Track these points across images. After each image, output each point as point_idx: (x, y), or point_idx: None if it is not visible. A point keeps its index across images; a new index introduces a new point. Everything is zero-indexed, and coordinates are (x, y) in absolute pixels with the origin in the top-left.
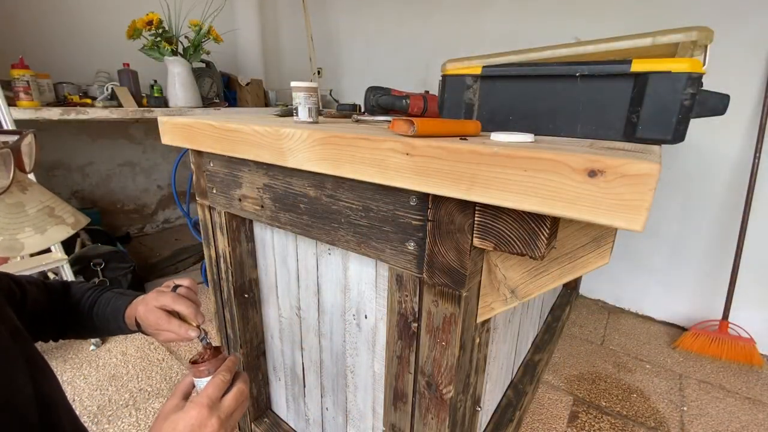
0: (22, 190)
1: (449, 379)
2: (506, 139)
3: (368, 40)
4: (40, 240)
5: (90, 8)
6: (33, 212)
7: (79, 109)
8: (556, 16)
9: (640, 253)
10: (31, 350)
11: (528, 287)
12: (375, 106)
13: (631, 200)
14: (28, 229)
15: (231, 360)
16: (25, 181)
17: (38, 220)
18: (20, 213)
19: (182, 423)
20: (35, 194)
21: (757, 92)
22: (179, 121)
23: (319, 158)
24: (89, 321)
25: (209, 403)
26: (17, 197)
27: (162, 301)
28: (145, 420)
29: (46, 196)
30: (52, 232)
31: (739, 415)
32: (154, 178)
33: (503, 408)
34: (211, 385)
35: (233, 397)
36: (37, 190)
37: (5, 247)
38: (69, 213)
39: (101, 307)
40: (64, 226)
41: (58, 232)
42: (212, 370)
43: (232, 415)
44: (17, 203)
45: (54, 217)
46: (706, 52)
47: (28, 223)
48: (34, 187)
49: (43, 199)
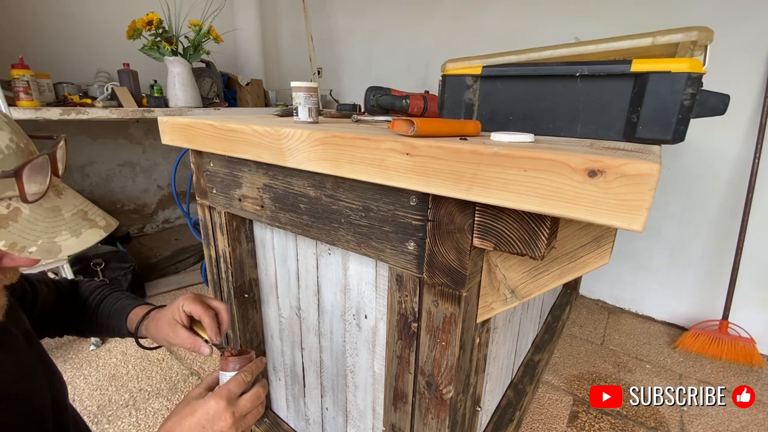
0: (57, 194)
1: (449, 379)
2: (506, 139)
3: (368, 40)
4: (75, 243)
5: (90, 8)
6: (69, 216)
7: (79, 109)
8: (556, 16)
9: (640, 253)
10: (44, 355)
11: (528, 287)
12: (375, 106)
13: (631, 200)
14: (65, 232)
15: (256, 363)
16: (60, 186)
17: (74, 224)
18: (57, 217)
19: (200, 411)
20: (70, 198)
21: (757, 92)
22: (179, 121)
23: (319, 158)
24: (94, 319)
25: (228, 397)
26: (54, 201)
27: (191, 308)
28: (144, 420)
29: (80, 199)
30: (87, 235)
31: (739, 415)
32: (154, 178)
33: (503, 408)
34: (233, 381)
35: (249, 398)
36: (71, 194)
37: (44, 249)
38: (101, 216)
39: (107, 305)
40: (97, 229)
41: (92, 234)
42: (237, 367)
43: (245, 416)
44: (54, 207)
45: (88, 221)
46: (706, 52)
47: (64, 226)
48: (68, 191)
49: (77, 203)
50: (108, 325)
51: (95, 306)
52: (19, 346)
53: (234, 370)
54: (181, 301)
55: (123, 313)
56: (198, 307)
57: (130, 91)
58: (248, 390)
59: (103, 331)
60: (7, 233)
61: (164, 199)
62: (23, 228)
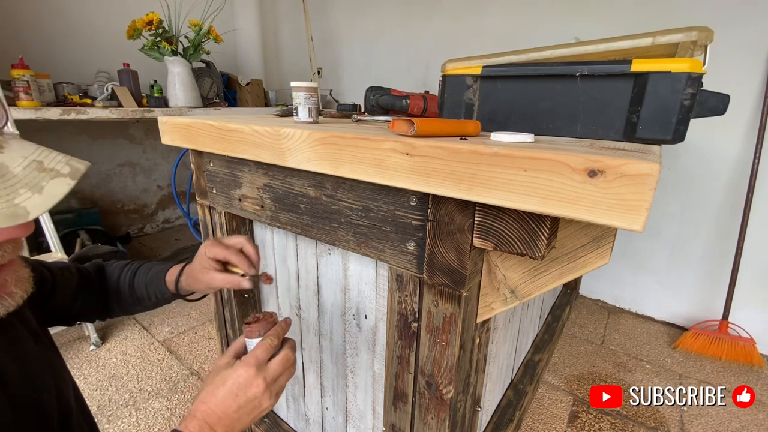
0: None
1: (449, 379)
2: (506, 139)
3: (368, 40)
4: (41, 200)
5: (90, 8)
6: (20, 171)
7: (79, 109)
8: (556, 16)
9: (640, 253)
10: (51, 354)
11: (528, 287)
12: (375, 106)
13: (631, 200)
14: (22, 190)
15: (280, 325)
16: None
17: (29, 179)
18: (6, 175)
19: (231, 380)
20: (15, 149)
21: (757, 92)
22: (179, 121)
23: (319, 158)
24: (132, 293)
25: (256, 364)
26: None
27: (213, 251)
28: (144, 420)
29: (29, 149)
30: (51, 188)
31: (739, 415)
32: (154, 178)
33: (503, 408)
34: (260, 347)
35: (279, 361)
36: (17, 146)
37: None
38: (62, 162)
39: (141, 277)
40: (62, 178)
41: (57, 186)
42: (263, 332)
43: (277, 379)
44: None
45: (46, 171)
46: (706, 52)
47: (19, 184)
48: (12, 143)
49: (26, 154)
50: (148, 295)
51: (130, 281)
52: (26, 345)
53: (259, 336)
54: (202, 249)
55: (159, 279)
56: (219, 249)
57: (130, 91)
58: (277, 353)
59: (144, 302)
60: None
61: (164, 199)
62: None
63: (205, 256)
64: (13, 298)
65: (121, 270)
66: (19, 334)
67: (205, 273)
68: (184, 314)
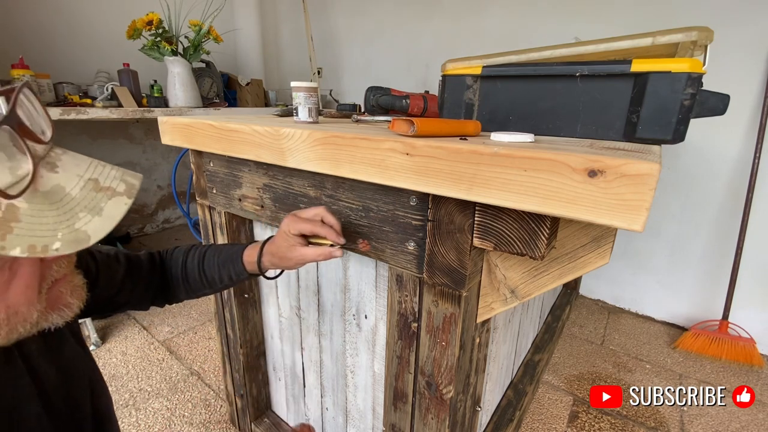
0: (51, 170)
1: (449, 379)
2: (506, 139)
3: (368, 40)
4: (101, 223)
5: (90, 8)
6: (77, 192)
7: (79, 109)
8: (556, 16)
9: (640, 253)
10: (92, 363)
11: (528, 287)
12: (375, 106)
13: (631, 200)
14: (82, 213)
15: None
16: (51, 155)
17: (87, 200)
18: (64, 198)
19: None
20: (69, 167)
21: (757, 92)
22: (179, 121)
23: (319, 158)
24: (201, 276)
25: None
26: (50, 180)
27: (297, 227)
28: (144, 420)
29: (82, 165)
30: (110, 209)
31: (739, 415)
32: (154, 178)
33: (503, 408)
34: None
35: None
36: (69, 162)
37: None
38: (116, 179)
39: (210, 260)
40: (119, 197)
41: (115, 206)
42: None
43: None
44: (55, 188)
45: (103, 191)
46: (706, 52)
47: (78, 207)
48: (64, 158)
49: (80, 172)
50: (220, 277)
51: (199, 265)
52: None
53: None
54: (285, 227)
55: (236, 260)
56: (304, 225)
57: (130, 91)
58: None
59: (215, 285)
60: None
61: (164, 199)
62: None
63: (289, 234)
64: (70, 309)
65: (186, 254)
66: (62, 335)
67: (294, 250)
68: (184, 314)
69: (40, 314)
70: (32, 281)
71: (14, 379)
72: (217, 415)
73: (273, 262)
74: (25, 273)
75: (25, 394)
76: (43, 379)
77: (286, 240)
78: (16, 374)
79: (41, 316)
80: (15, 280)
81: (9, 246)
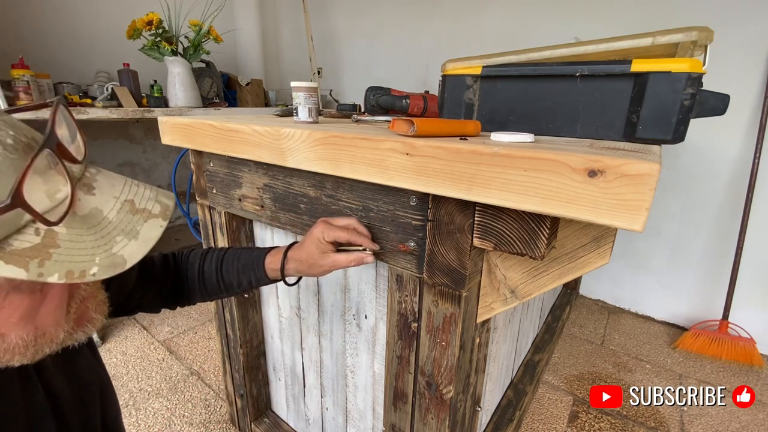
0: (89, 191)
1: (449, 379)
2: (506, 139)
3: (368, 40)
4: (136, 246)
5: (90, 8)
6: (114, 216)
7: (79, 109)
8: (556, 16)
9: (640, 253)
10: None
11: (528, 287)
12: (375, 106)
13: (631, 200)
14: (119, 237)
15: None
16: (87, 176)
17: (124, 224)
18: (102, 222)
19: None
20: (105, 189)
21: (757, 92)
22: (179, 121)
23: (319, 158)
24: (219, 282)
25: None
26: (88, 202)
27: (333, 235)
28: (144, 420)
29: (117, 186)
30: (146, 231)
31: (739, 415)
32: (154, 178)
33: (503, 408)
34: None
35: None
36: (105, 183)
37: (106, 266)
38: (151, 200)
39: (229, 265)
40: (155, 220)
41: (151, 229)
42: None
43: None
44: (93, 211)
45: (139, 213)
46: (706, 52)
47: (115, 231)
48: (99, 179)
49: (116, 194)
50: (239, 282)
51: (217, 269)
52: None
53: None
54: (318, 234)
55: (257, 266)
56: (339, 233)
57: (130, 91)
58: None
59: (232, 289)
60: (55, 264)
61: None
62: (70, 251)
63: (322, 241)
64: (93, 324)
65: (203, 259)
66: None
67: (327, 257)
68: (184, 314)
69: (66, 334)
70: (62, 302)
71: (30, 396)
72: (217, 415)
73: (300, 269)
74: (56, 295)
75: (41, 412)
76: (57, 394)
77: (319, 247)
78: (32, 391)
79: (67, 335)
80: (45, 302)
81: (47, 273)
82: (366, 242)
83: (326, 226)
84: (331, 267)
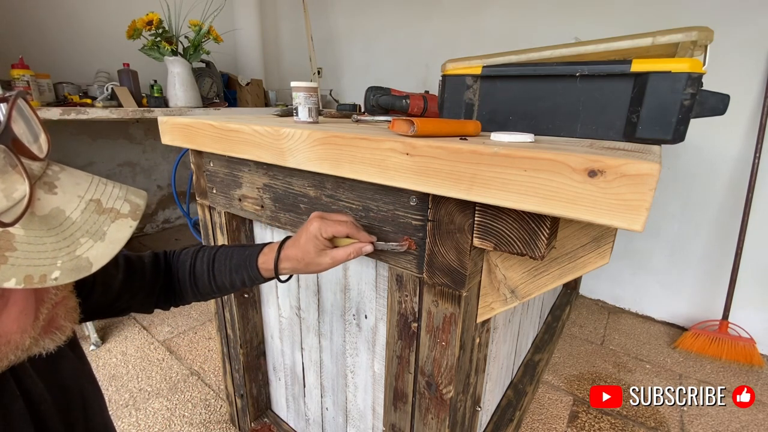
0: (49, 191)
1: (449, 379)
2: (506, 139)
3: (368, 40)
4: (103, 248)
5: (90, 8)
6: (78, 216)
7: (79, 109)
8: (556, 16)
9: (640, 253)
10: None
11: (528, 287)
12: (375, 106)
13: (631, 200)
14: (83, 239)
15: None
16: (48, 176)
17: (89, 224)
18: (64, 223)
19: None
20: (68, 187)
21: (757, 92)
22: (179, 121)
23: (319, 158)
24: (211, 282)
25: None
26: (49, 202)
27: (331, 230)
28: (144, 420)
29: (82, 184)
30: (113, 232)
31: (739, 415)
32: (154, 178)
33: (503, 408)
34: None
35: None
36: (68, 181)
37: (70, 269)
38: (120, 198)
39: (221, 264)
40: (123, 220)
41: (119, 230)
42: None
43: None
44: (54, 211)
45: (105, 213)
46: (706, 52)
47: (79, 232)
48: (62, 177)
49: (80, 192)
50: (232, 281)
51: (209, 269)
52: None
53: None
54: (314, 230)
55: (250, 265)
56: (337, 227)
57: (130, 91)
58: None
59: (224, 289)
60: (12, 268)
61: (164, 199)
62: (28, 254)
63: (319, 238)
64: (63, 332)
65: (194, 257)
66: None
67: (325, 255)
68: (184, 314)
69: (32, 340)
70: (27, 307)
71: (8, 405)
72: (217, 415)
73: (296, 268)
74: (19, 300)
75: (19, 421)
76: (37, 401)
77: (316, 245)
78: (10, 399)
79: (33, 341)
80: (8, 308)
81: (3, 277)
82: (363, 236)
83: (323, 222)
84: (329, 265)
